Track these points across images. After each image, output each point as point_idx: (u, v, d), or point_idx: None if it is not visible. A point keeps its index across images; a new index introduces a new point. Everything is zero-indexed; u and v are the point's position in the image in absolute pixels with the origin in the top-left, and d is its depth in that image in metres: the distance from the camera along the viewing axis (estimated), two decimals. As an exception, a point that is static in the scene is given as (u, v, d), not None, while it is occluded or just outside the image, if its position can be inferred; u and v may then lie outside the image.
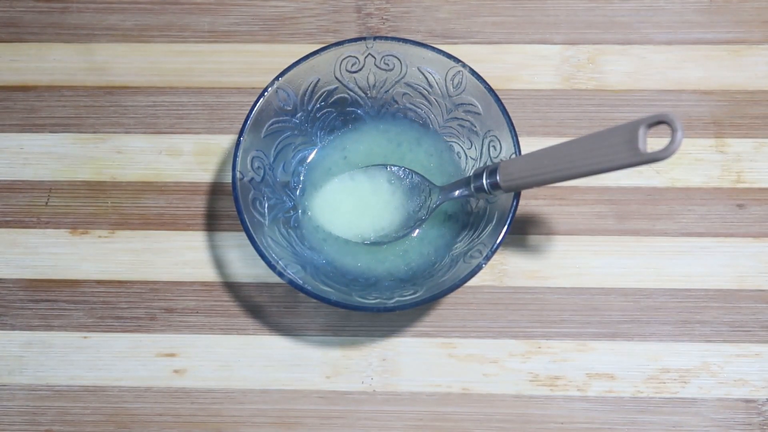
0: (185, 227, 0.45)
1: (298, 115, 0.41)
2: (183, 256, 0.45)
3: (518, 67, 0.47)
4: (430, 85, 0.41)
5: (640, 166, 0.36)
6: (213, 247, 0.45)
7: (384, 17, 0.48)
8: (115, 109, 0.47)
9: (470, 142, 0.41)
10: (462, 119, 0.41)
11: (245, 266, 0.45)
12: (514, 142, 0.37)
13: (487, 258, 0.35)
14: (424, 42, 0.39)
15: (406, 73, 0.41)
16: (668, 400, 0.42)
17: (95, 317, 0.44)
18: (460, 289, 0.42)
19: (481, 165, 0.40)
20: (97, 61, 0.48)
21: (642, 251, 0.44)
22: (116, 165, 0.46)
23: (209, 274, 0.45)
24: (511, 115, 0.38)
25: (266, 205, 0.40)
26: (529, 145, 0.45)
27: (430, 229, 0.43)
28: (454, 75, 0.39)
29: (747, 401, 0.42)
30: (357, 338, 0.44)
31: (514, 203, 0.36)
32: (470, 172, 0.41)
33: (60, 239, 0.45)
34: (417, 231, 0.42)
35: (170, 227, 0.45)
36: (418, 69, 0.40)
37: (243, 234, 0.44)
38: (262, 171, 0.40)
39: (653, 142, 0.36)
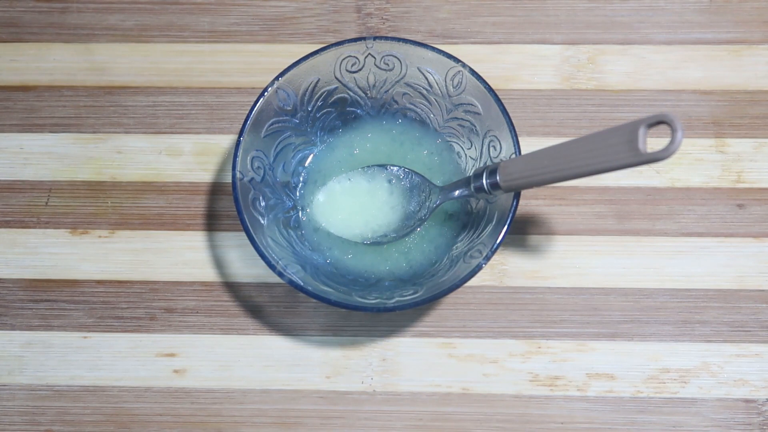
0: (185, 227, 0.45)
1: (298, 115, 0.41)
2: (183, 256, 0.45)
3: (518, 67, 0.47)
4: (430, 85, 0.41)
5: (640, 166, 0.36)
6: (213, 247, 0.45)
7: (384, 17, 0.48)
8: (115, 109, 0.47)
9: (470, 142, 0.41)
10: (462, 119, 0.41)
11: (245, 266, 0.45)
12: (514, 142, 0.37)
13: (487, 258, 0.35)
14: (424, 42, 0.39)
15: (406, 73, 0.41)
16: (668, 400, 0.42)
17: (95, 317, 0.44)
18: (460, 289, 0.42)
19: (481, 165, 0.40)
20: (97, 61, 0.48)
21: (642, 251, 0.44)
22: (116, 165, 0.46)
23: (209, 274, 0.45)
24: (511, 115, 0.38)
25: (266, 205, 0.40)
26: (529, 145, 0.45)
27: (431, 227, 0.43)
28: (454, 75, 0.39)
29: (747, 401, 0.42)
30: (357, 338, 0.44)
31: (514, 203, 0.36)
32: (470, 172, 0.41)
33: (60, 239, 0.45)
34: (418, 230, 0.42)
35: (170, 227, 0.45)
36: (418, 69, 0.40)
37: (243, 234, 0.44)
38: (262, 171, 0.40)
39: (653, 142, 0.36)
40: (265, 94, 0.38)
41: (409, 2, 0.48)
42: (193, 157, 0.47)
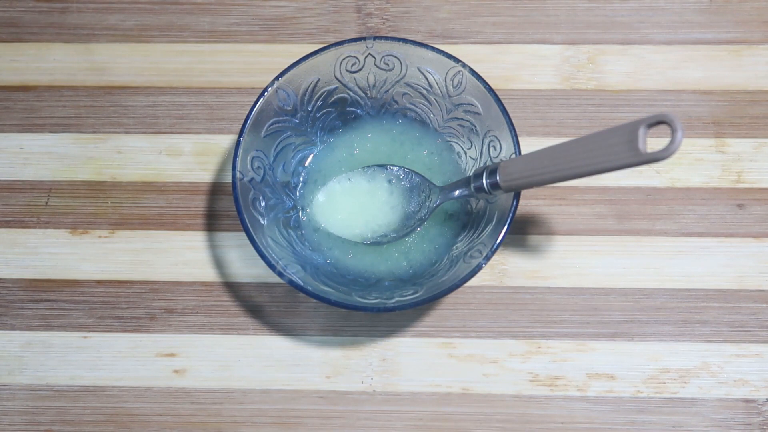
0: (185, 227, 0.45)
1: (298, 115, 0.41)
2: (183, 256, 0.45)
3: (518, 67, 0.47)
4: (430, 85, 0.41)
5: (640, 166, 0.36)
6: (213, 247, 0.45)
7: (384, 17, 0.48)
8: (115, 109, 0.47)
9: (470, 142, 0.41)
10: (462, 119, 0.41)
11: (245, 266, 0.45)
12: (514, 142, 0.37)
13: (487, 258, 0.35)
14: (424, 42, 0.39)
15: (406, 73, 0.41)
16: (668, 400, 0.42)
17: (95, 317, 0.44)
18: (460, 289, 0.42)
19: (481, 165, 0.40)
20: (97, 61, 0.48)
21: (642, 251, 0.44)
22: (116, 165, 0.46)
23: (209, 274, 0.45)
24: (511, 115, 0.38)
25: (266, 205, 0.40)
26: (529, 145, 0.45)
27: (431, 227, 0.43)
28: (454, 75, 0.39)
29: (747, 401, 0.42)
30: (357, 338, 0.44)
31: (514, 203, 0.36)
32: (470, 172, 0.41)
33: (60, 239, 0.45)
34: (418, 230, 0.42)
35: (170, 227, 0.45)
36: (418, 69, 0.40)
37: (243, 234, 0.44)
38: (262, 171, 0.40)
39: (653, 142, 0.36)
40: (265, 94, 0.38)
41: (409, 2, 0.48)
42: (193, 157, 0.47)
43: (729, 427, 0.42)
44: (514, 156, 0.37)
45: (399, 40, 0.39)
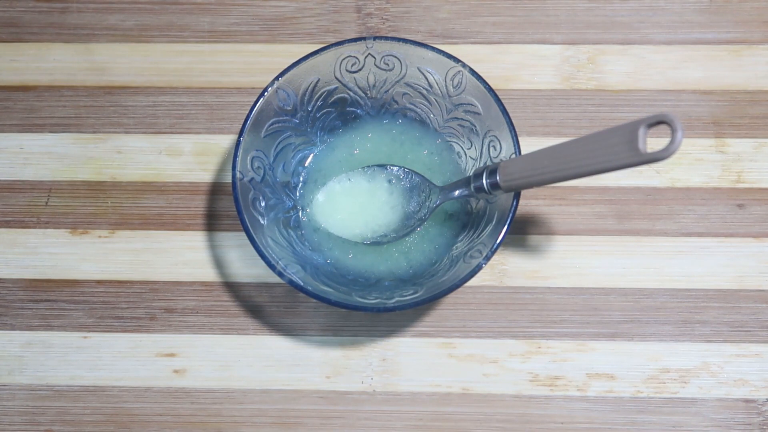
0: (185, 227, 0.45)
1: (298, 115, 0.41)
2: (183, 256, 0.45)
3: (518, 67, 0.47)
4: (430, 85, 0.41)
5: (640, 166, 0.36)
6: (213, 247, 0.45)
7: (384, 17, 0.48)
8: (115, 109, 0.47)
9: (470, 142, 0.41)
10: (462, 119, 0.41)
11: (245, 266, 0.45)
12: (514, 142, 0.37)
13: (487, 258, 0.35)
14: (424, 42, 0.39)
15: (406, 73, 0.41)
16: (668, 400, 0.42)
17: (95, 317, 0.44)
18: (460, 289, 0.42)
19: (481, 165, 0.40)
20: (97, 61, 0.48)
21: (642, 251, 0.44)
22: (116, 165, 0.46)
23: (209, 274, 0.45)
24: (511, 115, 0.38)
25: (266, 205, 0.40)
26: (529, 145, 0.45)
27: (431, 227, 0.43)
28: (454, 75, 0.39)
29: (747, 401, 0.42)
30: (357, 338, 0.44)
31: (514, 203, 0.36)
32: (470, 172, 0.41)
33: (60, 239, 0.45)
34: (418, 230, 0.42)
35: (170, 227, 0.45)
36: (418, 69, 0.40)
37: (243, 234, 0.44)
38: (262, 171, 0.40)
39: (653, 142, 0.36)
40: (265, 94, 0.38)
41: (409, 2, 0.48)
42: (193, 157, 0.47)
43: (729, 427, 0.42)
44: (514, 156, 0.37)
45: (399, 40, 0.39)
